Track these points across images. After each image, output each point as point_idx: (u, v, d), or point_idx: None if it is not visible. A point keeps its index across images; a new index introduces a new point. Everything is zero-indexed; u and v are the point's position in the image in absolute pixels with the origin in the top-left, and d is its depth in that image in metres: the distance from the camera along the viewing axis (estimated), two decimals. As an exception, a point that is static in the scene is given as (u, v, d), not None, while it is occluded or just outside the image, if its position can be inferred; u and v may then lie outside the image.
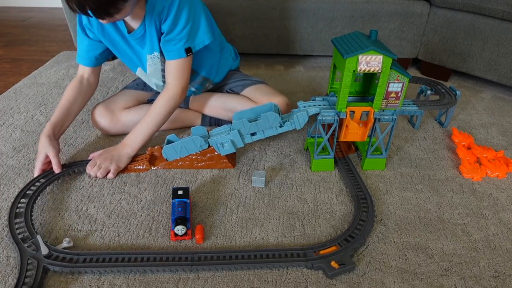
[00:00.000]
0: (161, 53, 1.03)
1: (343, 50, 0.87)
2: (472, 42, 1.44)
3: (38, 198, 0.91)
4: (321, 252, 0.79)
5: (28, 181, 0.97)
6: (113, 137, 1.17)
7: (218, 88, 1.25)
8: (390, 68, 0.87)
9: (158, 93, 1.17)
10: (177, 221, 0.81)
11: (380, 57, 0.85)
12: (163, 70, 1.08)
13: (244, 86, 1.19)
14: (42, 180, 0.95)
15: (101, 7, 0.82)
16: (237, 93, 1.21)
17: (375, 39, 0.90)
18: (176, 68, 1.01)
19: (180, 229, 0.81)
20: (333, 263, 0.75)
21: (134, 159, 1.05)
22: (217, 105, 1.18)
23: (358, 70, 0.86)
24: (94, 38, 1.03)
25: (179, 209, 0.84)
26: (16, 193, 0.93)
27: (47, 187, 0.95)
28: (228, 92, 1.23)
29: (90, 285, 0.72)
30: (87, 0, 0.79)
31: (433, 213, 0.92)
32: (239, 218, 0.89)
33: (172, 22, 0.95)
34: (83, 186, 0.97)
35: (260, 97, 1.13)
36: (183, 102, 1.21)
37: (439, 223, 0.89)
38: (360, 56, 0.84)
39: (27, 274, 0.72)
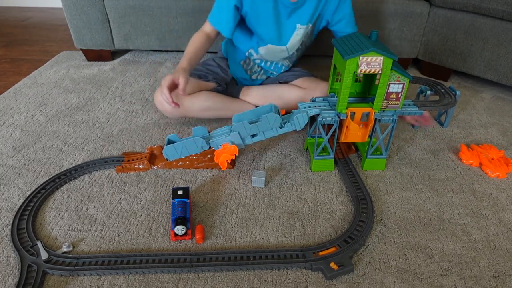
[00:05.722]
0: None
1: (343, 51, 0.87)
2: (472, 42, 1.44)
3: (41, 207, 0.91)
4: (320, 253, 0.79)
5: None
6: (113, 138, 1.17)
7: (271, 79, 1.33)
8: (391, 69, 0.87)
9: (219, 85, 1.26)
10: (177, 221, 0.81)
11: (380, 58, 0.84)
12: (300, 43, 1.21)
13: (295, 77, 1.28)
14: (42, 191, 0.94)
15: None
16: (287, 83, 1.29)
17: (376, 40, 0.90)
18: None
19: (180, 229, 0.81)
20: (332, 265, 0.75)
21: (133, 158, 1.05)
22: (273, 95, 1.24)
23: (359, 71, 0.86)
24: (240, 9, 1.11)
25: (179, 209, 0.84)
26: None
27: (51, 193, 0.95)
28: (280, 83, 1.30)
29: (90, 285, 0.73)
30: None
31: (433, 213, 0.92)
32: (239, 218, 0.89)
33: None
34: (83, 186, 0.97)
35: (309, 84, 1.23)
36: (235, 92, 1.29)
37: (439, 223, 0.89)
38: (360, 57, 0.84)
39: (27, 281, 0.72)
